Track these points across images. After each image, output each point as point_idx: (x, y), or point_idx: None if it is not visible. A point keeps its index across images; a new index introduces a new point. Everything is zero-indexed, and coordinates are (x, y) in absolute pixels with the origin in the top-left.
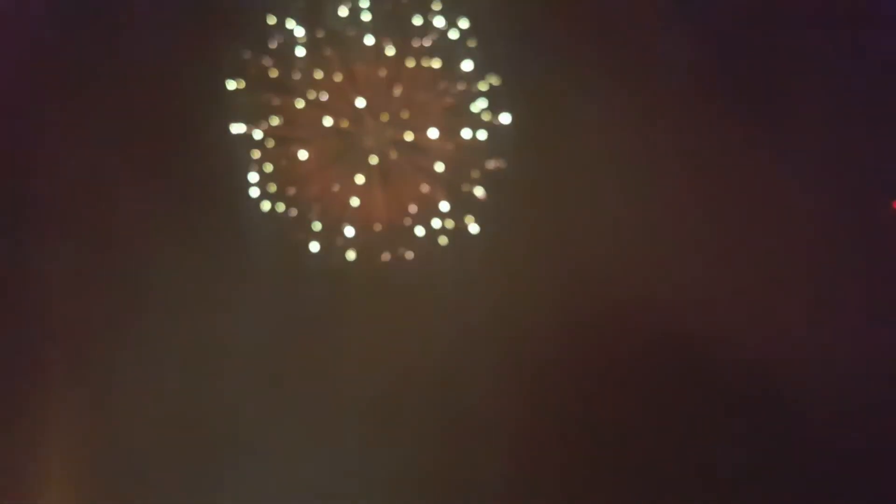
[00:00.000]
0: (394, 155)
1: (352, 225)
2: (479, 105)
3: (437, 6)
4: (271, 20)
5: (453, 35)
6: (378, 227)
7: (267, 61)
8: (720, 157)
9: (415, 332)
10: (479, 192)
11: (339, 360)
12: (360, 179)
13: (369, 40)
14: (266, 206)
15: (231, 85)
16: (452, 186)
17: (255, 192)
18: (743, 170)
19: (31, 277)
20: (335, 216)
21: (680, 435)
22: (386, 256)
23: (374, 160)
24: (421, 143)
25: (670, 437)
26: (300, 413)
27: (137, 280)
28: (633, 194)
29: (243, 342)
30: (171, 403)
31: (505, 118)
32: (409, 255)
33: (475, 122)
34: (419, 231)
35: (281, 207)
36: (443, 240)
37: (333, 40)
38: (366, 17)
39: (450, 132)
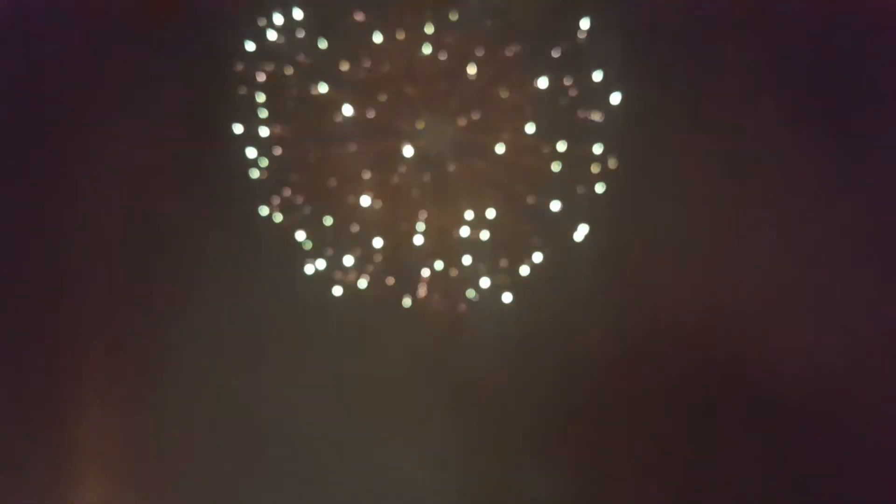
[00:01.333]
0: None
1: (390, 262)
2: (570, 104)
3: None
4: None
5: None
6: (424, 271)
7: (291, 38)
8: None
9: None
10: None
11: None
12: (410, 195)
13: (429, 28)
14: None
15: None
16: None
17: (266, 211)
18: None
19: (72, 280)
20: (367, 245)
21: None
22: (438, 302)
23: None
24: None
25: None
26: (347, 414)
27: (179, 282)
28: (730, 247)
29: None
30: (217, 402)
31: (615, 98)
32: (462, 307)
33: (564, 128)
34: (484, 282)
35: (301, 236)
36: (506, 297)
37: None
38: None
39: (529, 139)
